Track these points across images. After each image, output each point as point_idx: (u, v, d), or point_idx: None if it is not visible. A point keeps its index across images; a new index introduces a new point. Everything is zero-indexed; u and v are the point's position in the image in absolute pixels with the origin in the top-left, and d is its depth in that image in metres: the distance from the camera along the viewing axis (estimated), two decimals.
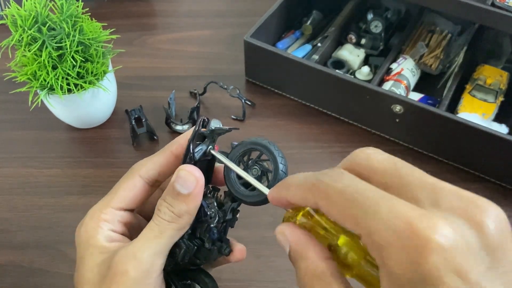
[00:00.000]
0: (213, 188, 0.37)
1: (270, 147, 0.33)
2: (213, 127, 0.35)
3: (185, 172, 0.34)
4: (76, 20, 0.55)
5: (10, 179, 0.61)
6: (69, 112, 0.62)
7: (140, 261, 0.32)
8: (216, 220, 0.35)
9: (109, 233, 0.35)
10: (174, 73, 0.75)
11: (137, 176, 0.36)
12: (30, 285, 0.52)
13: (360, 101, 0.63)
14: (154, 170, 0.36)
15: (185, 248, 0.35)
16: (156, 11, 0.86)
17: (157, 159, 0.37)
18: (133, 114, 0.66)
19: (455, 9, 0.62)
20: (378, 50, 0.74)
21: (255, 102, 0.70)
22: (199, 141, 0.35)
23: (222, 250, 0.36)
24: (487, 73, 0.68)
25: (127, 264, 0.32)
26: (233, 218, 0.37)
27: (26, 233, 0.56)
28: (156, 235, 0.33)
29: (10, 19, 0.53)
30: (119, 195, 0.36)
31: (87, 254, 0.34)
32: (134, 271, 0.32)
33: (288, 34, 0.77)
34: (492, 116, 0.65)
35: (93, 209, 0.37)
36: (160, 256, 0.33)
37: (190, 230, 0.35)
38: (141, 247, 0.33)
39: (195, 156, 0.35)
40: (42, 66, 0.55)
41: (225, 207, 0.36)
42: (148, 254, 0.32)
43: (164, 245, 0.33)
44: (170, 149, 0.37)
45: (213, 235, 0.36)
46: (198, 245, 0.36)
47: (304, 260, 0.27)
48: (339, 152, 0.64)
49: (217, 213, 0.35)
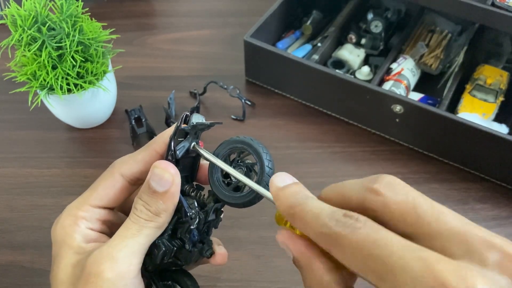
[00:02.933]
0: (197, 186, 0.36)
1: (254, 144, 0.32)
2: (194, 122, 0.34)
3: (159, 170, 0.33)
4: (76, 20, 0.55)
5: (10, 179, 0.61)
6: (69, 112, 0.62)
7: (115, 261, 0.31)
8: (196, 222, 0.34)
9: (86, 231, 0.34)
10: (174, 73, 0.75)
11: (118, 174, 0.35)
12: (30, 285, 0.52)
13: (360, 101, 0.63)
14: (136, 169, 0.35)
15: (164, 249, 0.34)
16: (156, 11, 0.86)
17: (139, 157, 0.35)
18: (133, 114, 0.66)
19: (456, 9, 0.62)
20: (378, 50, 0.74)
21: (255, 102, 0.70)
22: (181, 138, 0.34)
23: (203, 252, 0.35)
24: (487, 73, 0.68)
25: (102, 264, 0.30)
26: (217, 219, 0.36)
27: (26, 233, 0.56)
28: (133, 233, 0.32)
29: (10, 19, 0.53)
30: (98, 193, 0.35)
31: (62, 253, 0.33)
32: (110, 272, 0.30)
33: (288, 34, 0.77)
34: (492, 116, 0.65)
35: (70, 206, 0.35)
36: (137, 256, 0.32)
37: (171, 230, 0.34)
38: (117, 246, 0.31)
39: (177, 154, 0.33)
40: (42, 66, 0.55)
41: (207, 208, 0.34)
42: (124, 254, 0.31)
43: (141, 244, 0.32)
44: (153, 146, 0.35)
45: (194, 237, 0.34)
46: (178, 246, 0.34)
47: (309, 272, 0.26)
48: (339, 152, 0.64)
49: (198, 214, 0.34)
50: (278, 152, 0.64)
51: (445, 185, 0.61)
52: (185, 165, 0.35)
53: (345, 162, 0.63)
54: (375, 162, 0.63)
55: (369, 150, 0.65)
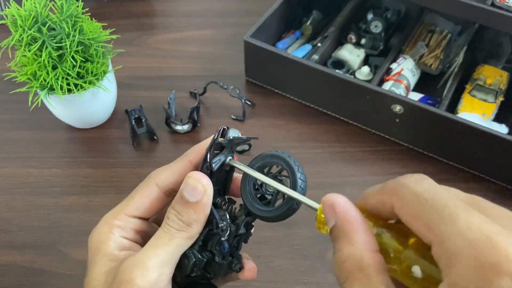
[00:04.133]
0: (229, 200, 0.36)
1: (290, 161, 0.32)
2: (231, 136, 0.34)
3: (193, 180, 0.33)
4: (76, 20, 0.55)
5: (10, 179, 0.61)
6: (69, 112, 0.62)
7: (147, 269, 0.31)
8: (227, 234, 0.34)
9: (120, 240, 0.35)
10: (174, 73, 0.75)
11: (154, 184, 0.36)
12: (30, 285, 0.52)
13: (360, 101, 0.63)
14: (171, 179, 0.36)
15: (194, 260, 0.34)
16: (156, 11, 0.86)
17: (175, 168, 0.36)
18: (133, 114, 0.66)
19: (455, 9, 0.62)
20: (378, 50, 0.74)
21: (255, 102, 0.70)
22: (217, 151, 0.34)
23: (233, 266, 0.35)
24: (487, 73, 0.68)
25: (133, 272, 0.31)
26: (247, 233, 0.36)
27: (26, 233, 0.56)
28: (164, 243, 0.32)
29: (10, 19, 0.53)
30: (134, 202, 0.36)
31: (96, 261, 0.34)
32: (141, 280, 0.31)
33: (288, 34, 0.77)
34: (492, 116, 0.65)
35: (107, 215, 0.36)
36: (168, 265, 0.32)
37: (201, 242, 0.34)
38: (149, 255, 0.32)
39: (213, 167, 0.34)
40: (42, 66, 0.55)
41: (238, 221, 0.34)
42: (155, 263, 0.31)
43: (172, 254, 0.32)
44: (188, 158, 0.36)
45: (224, 249, 0.34)
46: (208, 258, 0.34)
47: (349, 245, 0.25)
48: (339, 152, 0.64)
49: (229, 226, 0.34)
50: None
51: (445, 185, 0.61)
52: (219, 179, 0.35)
53: (345, 162, 0.63)
54: (375, 162, 0.63)
55: (369, 150, 0.65)
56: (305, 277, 0.52)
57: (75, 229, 0.56)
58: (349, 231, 0.25)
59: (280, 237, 0.56)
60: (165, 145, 0.65)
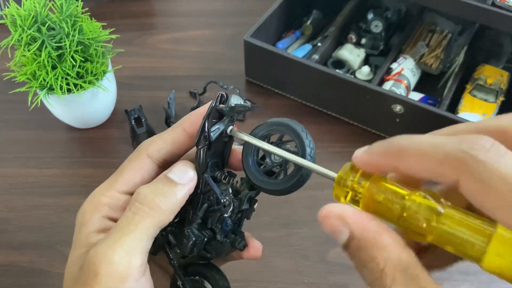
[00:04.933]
0: (229, 173, 0.32)
1: (296, 128, 0.29)
2: (233, 104, 0.30)
3: (183, 164, 0.31)
4: (76, 20, 0.55)
5: (10, 179, 0.61)
6: (69, 112, 0.62)
7: (111, 262, 0.27)
8: (230, 209, 0.31)
9: (104, 221, 0.31)
10: (174, 73, 0.75)
11: (145, 155, 0.32)
12: (30, 285, 0.52)
13: (360, 101, 0.63)
14: (164, 149, 0.32)
15: (194, 239, 0.31)
16: (156, 11, 0.86)
17: (168, 137, 0.32)
18: (133, 114, 0.66)
19: (456, 8, 0.62)
20: (378, 50, 0.74)
21: (255, 102, 0.70)
22: (215, 119, 0.31)
23: (236, 244, 0.32)
24: (488, 73, 0.68)
25: (98, 266, 0.27)
26: (250, 209, 0.33)
27: (26, 233, 0.56)
28: (131, 228, 0.28)
29: (10, 19, 0.53)
30: (124, 177, 0.32)
31: (73, 244, 0.31)
32: (105, 276, 0.27)
33: (288, 34, 0.77)
34: (492, 116, 0.64)
35: (94, 191, 0.32)
36: (136, 255, 0.28)
37: (200, 219, 0.32)
38: (113, 245, 0.28)
39: (211, 136, 0.30)
40: (42, 66, 0.55)
41: (241, 195, 0.31)
42: (120, 254, 0.27)
43: (139, 241, 0.28)
44: (183, 126, 0.32)
45: (226, 226, 0.32)
46: (209, 236, 0.32)
47: (380, 251, 0.22)
48: (339, 152, 0.64)
49: (232, 202, 0.31)
50: None
51: None
52: (216, 150, 0.32)
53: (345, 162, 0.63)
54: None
55: None
56: (305, 277, 0.52)
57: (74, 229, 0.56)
58: (373, 237, 0.22)
59: (280, 237, 0.55)
60: None
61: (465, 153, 0.19)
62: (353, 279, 0.52)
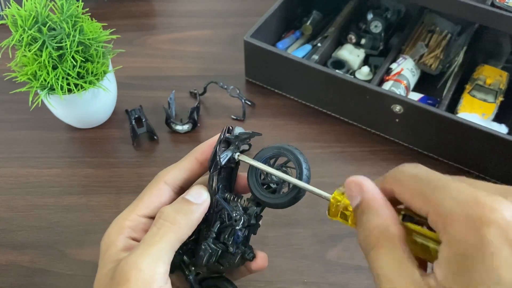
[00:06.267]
0: (237, 195, 0.38)
1: (295, 152, 0.34)
2: (237, 132, 0.37)
3: (198, 187, 0.36)
4: (76, 20, 0.56)
5: (10, 179, 0.61)
6: (69, 112, 0.62)
7: (139, 269, 0.32)
8: (241, 222, 0.36)
9: (128, 241, 0.35)
10: (174, 73, 0.75)
11: (163, 183, 0.37)
12: (30, 285, 0.52)
13: (360, 101, 0.64)
14: (179, 176, 0.37)
15: (210, 251, 0.36)
16: (156, 11, 0.86)
17: (182, 166, 0.38)
18: (133, 114, 0.66)
19: (455, 9, 0.62)
20: (378, 50, 0.74)
21: (255, 102, 0.70)
22: (224, 148, 0.37)
23: (246, 255, 0.37)
24: (487, 73, 0.68)
25: (128, 273, 0.32)
26: (256, 224, 0.38)
27: (26, 233, 0.56)
28: (156, 240, 0.33)
29: (10, 19, 0.53)
30: (144, 202, 0.37)
31: (102, 263, 0.35)
32: (135, 281, 0.32)
33: (288, 34, 0.77)
34: (491, 116, 0.65)
35: (118, 217, 0.37)
36: (161, 264, 0.33)
37: (215, 234, 0.37)
38: (141, 255, 0.33)
39: (221, 161, 0.36)
40: (42, 66, 0.55)
41: (249, 211, 0.37)
42: (148, 262, 0.32)
43: (164, 252, 0.33)
44: (194, 155, 0.38)
45: (238, 238, 0.37)
46: (222, 249, 0.37)
47: (376, 216, 0.28)
48: (339, 152, 0.64)
49: (242, 216, 0.36)
50: None
51: None
52: (225, 175, 0.37)
53: (345, 162, 0.63)
54: (375, 162, 0.64)
55: (369, 150, 0.65)
56: (305, 277, 0.53)
57: (75, 229, 0.57)
58: (377, 206, 0.28)
59: (280, 237, 0.56)
60: (165, 145, 0.65)
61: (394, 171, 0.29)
62: (353, 278, 0.52)
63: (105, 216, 0.57)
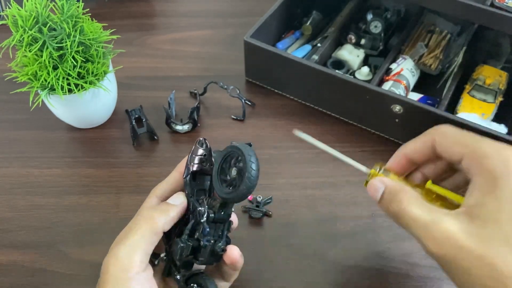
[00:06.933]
0: (212, 197, 0.44)
1: (244, 150, 0.39)
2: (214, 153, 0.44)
3: (176, 194, 0.43)
4: (77, 21, 0.56)
5: (10, 179, 0.61)
6: (70, 112, 0.62)
7: (117, 258, 0.38)
8: (205, 215, 0.41)
9: None
10: (174, 73, 0.75)
11: (154, 196, 0.44)
12: (31, 285, 0.52)
13: (360, 101, 0.64)
14: (166, 188, 0.45)
15: (181, 244, 0.40)
16: (156, 11, 0.86)
17: (168, 179, 0.45)
18: (133, 114, 0.66)
19: (455, 9, 0.62)
20: (377, 50, 0.74)
21: (255, 102, 0.70)
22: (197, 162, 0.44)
23: (215, 248, 0.41)
24: (487, 73, 0.68)
25: (108, 263, 0.38)
26: (227, 220, 0.43)
27: (26, 233, 0.56)
28: (132, 233, 0.39)
29: (11, 20, 0.53)
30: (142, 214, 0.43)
31: None
32: (113, 268, 0.37)
33: (288, 34, 0.77)
34: (491, 116, 0.65)
35: None
36: (137, 253, 0.38)
37: (189, 230, 0.41)
38: (118, 246, 0.38)
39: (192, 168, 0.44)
40: (43, 66, 0.55)
41: (215, 207, 0.42)
42: (124, 252, 0.38)
43: (139, 242, 0.38)
44: (178, 170, 0.45)
45: (205, 230, 0.41)
46: (194, 244, 0.41)
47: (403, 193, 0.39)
48: None
49: (207, 211, 0.41)
50: (278, 152, 0.64)
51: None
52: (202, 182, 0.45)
53: None
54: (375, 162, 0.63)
55: (369, 150, 0.65)
56: (305, 277, 0.53)
57: (75, 228, 0.57)
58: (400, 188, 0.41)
59: (280, 236, 0.56)
60: (165, 145, 0.65)
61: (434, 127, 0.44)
62: (353, 278, 0.52)
63: (106, 216, 0.58)
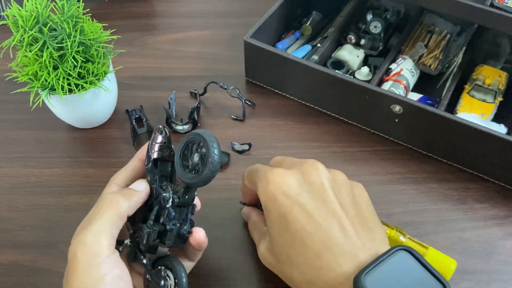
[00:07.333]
0: (174, 183, 0.45)
1: (205, 136, 0.41)
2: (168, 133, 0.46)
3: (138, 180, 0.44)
4: (77, 21, 0.56)
5: (11, 179, 0.62)
6: (70, 112, 0.63)
7: (85, 244, 0.38)
8: (170, 201, 0.42)
9: None
10: (174, 73, 0.75)
11: (114, 184, 0.44)
12: (32, 284, 0.52)
13: (359, 101, 0.64)
14: (125, 176, 0.45)
15: (147, 230, 0.41)
16: (157, 11, 0.86)
17: (128, 167, 0.45)
18: (134, 114, 0.66)
19: (454, 9, 0.62)
20: (377, 51, 0.74)
21: (255, 102, 0.70)
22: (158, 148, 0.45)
23: (181, 230, 0.43)
24: (486, 73, 0.68)
25: (75, 249, 0.38)
26: (191, 204, 0.44)
27: (27, 232, 0.56)
28: (97, 218, 0.39)
29: (11, 20, 0.54)
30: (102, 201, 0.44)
31: None
32: (81, 254, 0.37)
33: (288, 35, 0.77)
34: (491, 116, 0.65)
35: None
36: (104, 237, 0.38)
37: (154, 216, 0.42)
38: (84, 232, 0.38)
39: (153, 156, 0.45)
40: (43, 67, 0.55)
41: (179, 193, 0.43)
42: (91, 237, 0.38)
43: (105, 226, 0.39)
44: (138, 157, 0.45)
45: (171, 215, 0.42)
46: (160, 228, 0.42)
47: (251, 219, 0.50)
48: (339, 152, 0.65)
49: (171, 196, 0.42)
50: (278, 152, 0.64)
51: (444, 185, 0.61)
52: (162, 168, 0.45)
53: (344, 162, 0.64)
54: (375, 162, 0.64)
55: (368, 150, 0.65)
56: None
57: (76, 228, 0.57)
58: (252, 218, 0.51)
59: None
60: None
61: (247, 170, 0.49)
62: None
63: None
